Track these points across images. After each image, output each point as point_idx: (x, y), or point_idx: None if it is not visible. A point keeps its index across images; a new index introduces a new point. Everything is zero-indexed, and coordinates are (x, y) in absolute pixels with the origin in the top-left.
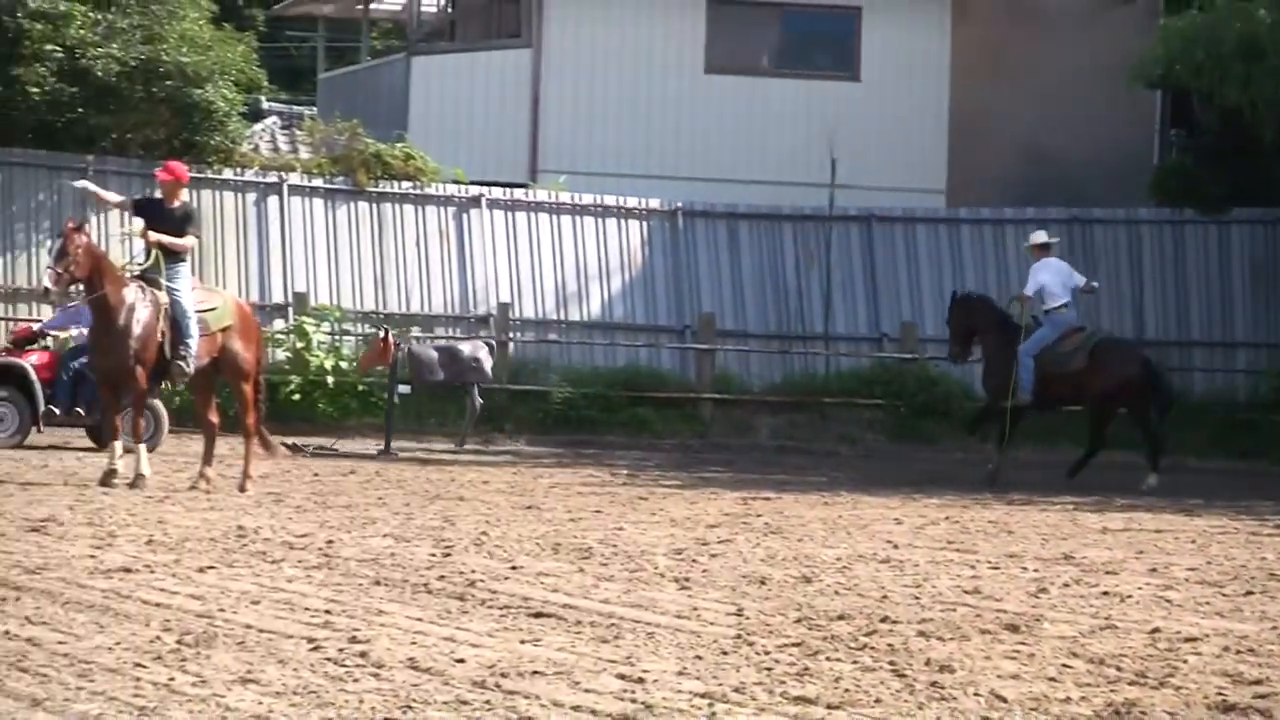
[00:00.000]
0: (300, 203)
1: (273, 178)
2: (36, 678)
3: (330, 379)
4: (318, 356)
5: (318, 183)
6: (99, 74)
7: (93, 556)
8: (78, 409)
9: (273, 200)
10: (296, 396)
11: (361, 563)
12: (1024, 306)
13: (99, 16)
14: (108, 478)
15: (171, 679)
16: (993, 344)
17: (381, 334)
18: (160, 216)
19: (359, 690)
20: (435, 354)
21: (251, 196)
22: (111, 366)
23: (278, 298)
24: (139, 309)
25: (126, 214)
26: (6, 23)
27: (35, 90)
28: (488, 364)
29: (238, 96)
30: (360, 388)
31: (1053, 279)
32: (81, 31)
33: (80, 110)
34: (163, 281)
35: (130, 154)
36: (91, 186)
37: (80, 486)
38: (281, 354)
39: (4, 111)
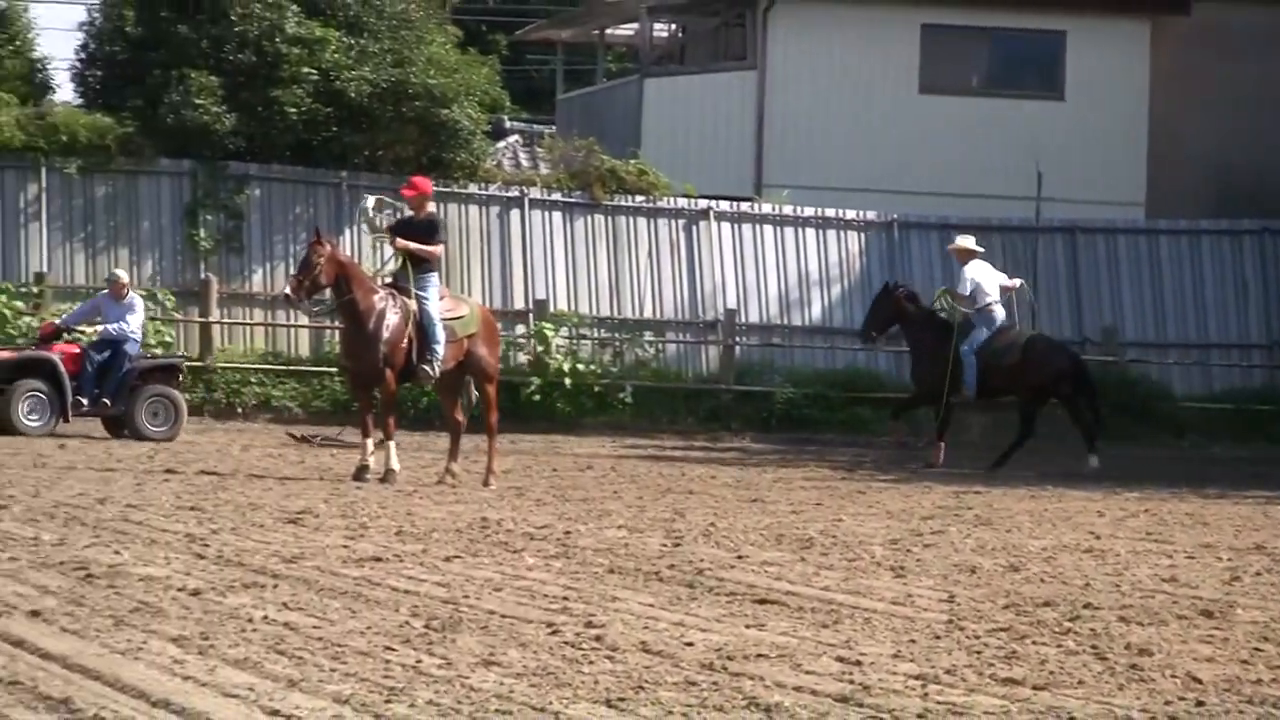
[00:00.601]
0: (540, 215)
1: (515, 192)
2: (293, 660)
3: (568, 380)
4: (556, 360)
5: (557, 197)
6: (352, 95)
7: (346, 546)
8: (103, 400)
9: (515, 213)
10: (536, 397)
11: (597, 552)
12: (956, 302)
13: (352, 41)
14: (360, 473)
15: (419, 661)
16: (922, 338)
17: None
18: (408, 228)
19: (594, 671)
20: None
21: (495, 210)
22: (362, 368)
23: (519, 304)
24: (389, 315)
25: (382, 217)
26: (266, 48)
27: (293, 110)
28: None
29: (482, 116)
30: (596, 389)
31: (984, 279)
32: (335, 56)
33: (334, 129)
34: (412, 289)
35: (381, 170)
36: (381, 201)
37: (335, 481)
38: (523, 357)
39: (264, 130)
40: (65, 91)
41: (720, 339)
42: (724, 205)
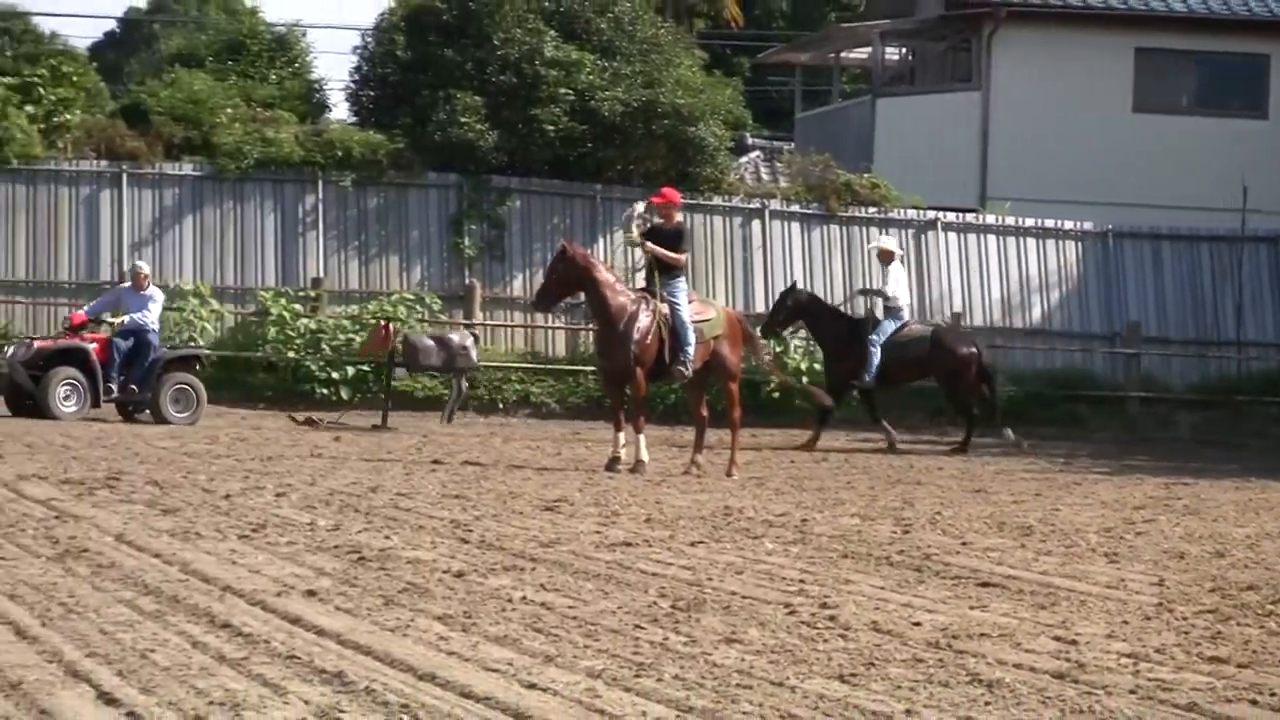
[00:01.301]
0: (780, 225)
1: (756, 204)
2: (549, 637)
3: (805, 378)
4: (794, 359)
5: (795, 208)
6: (606, 114)
7: (599, 532)
8: (131, 386)
9: (756, 223)
10: (776, 395)
11: (831, 539)
12: (884, 300)
13: (606, 64)
14: (613, 464)
15: (666, 639)
16: (836, 333)
17: (382, 323)
18: (657, 235)
19: (828, 649)
20: (430, 342)
21: (738, 220)
22: (614, 366)
23: (760, 308)
24: (640, 317)
25: (636, 226)
26: (526, 70)
27: (550, 128)
28: (474, 352)
29: (726, 133)
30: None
31: (902, 279)
32: (590, 77)
33: (589, 146)
34: (662, 293)
35: (632, 183)
36: (649, 206)
37: (589, 472)
38: (765, 357)
39: (524, 146)
40: (340, 110)
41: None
42: (950, 216)
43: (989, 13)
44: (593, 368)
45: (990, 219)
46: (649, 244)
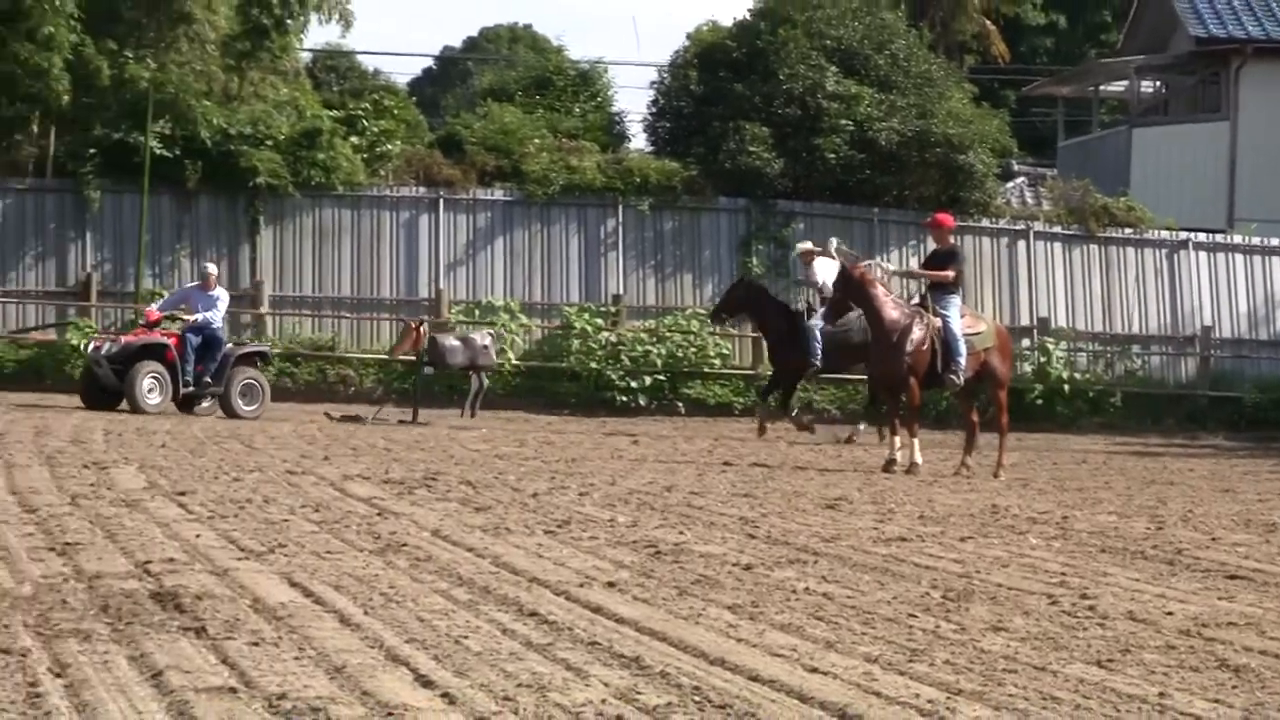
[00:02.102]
0: (1043, 246)
1: (1021, 225)
2: (830, 625)
3: (1066, 387)
4: (1056, 369)
5: (1057, 229)
6: (883, 143)
7: (876, 528)
8: (206, 380)
9: (1021, 244)
10: (1039, 401)
11: (1090, 534)
12: (820, 296)
13: (882, 97)
14: (889, 465)
15: (937, 626)
16: (779, 325)
17: (414, 324)
18: (933, 256)
19: (1087, 637)
20: (456, 343)
21: (1004, 241)
22: (887, 374)
23: (1024, 321)
24: (914, 330)
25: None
26: (809, 103)
27: (832, 156)
28: (493, 351)
29: (993, 160)
30: (1090, 394)
31: (830, 273)
32: (869, 109)
33: (867, 172)
34: (935, 308)
35: (906, 207)
36: (884, 266)
37: (866, 473)
38: (1027, 367)
39: (807, 173)
40: (639, 140)
41: (1197, 351)
42: (1200, 236)
43: (1237, 49)
44: (867, 377)
45: (1238, 239)
46: (915, 267)
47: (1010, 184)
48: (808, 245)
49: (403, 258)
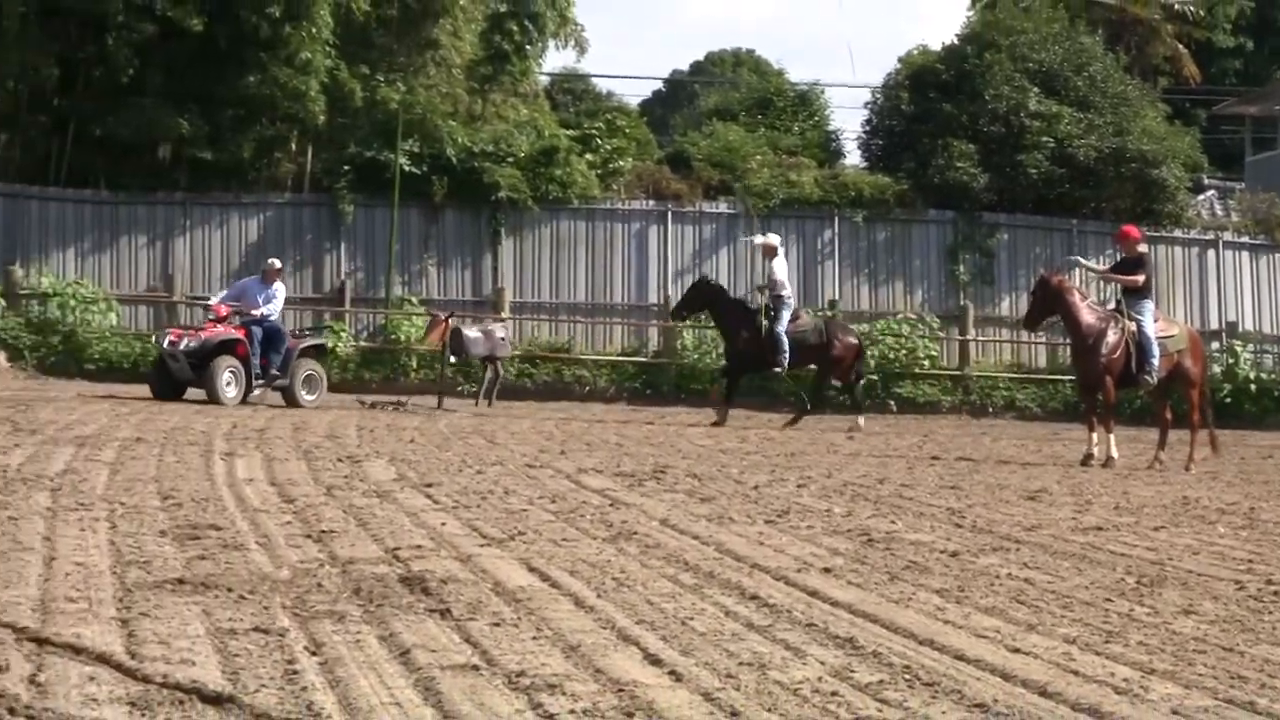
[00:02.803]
0: (1231, 255)
1: (1210, 236)
2: (1031, 608)
3: (1253, 386)
4: (1243, 370)
5: (1244, 239)
6: (1081, 159)
7: (1074, 518)
8: (273, 372)
9: (1210, 253)
10: (1228, 400)
11: (1276, 524)
12: (764, 295)
13: (1081, 115)
14: (1087, 460)
15: (1131, 610)
16: (736, 321)
17: (441, 316)
18: (1122, 265)
19: (1273, 620)
20: (478, 334)
21: (1195, 250)
22: (1087, 376)
23: (1213, 325)
24: (1109, 334)
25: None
26: (1013, 121)
27: (1033, 171)
28: (509, 344)
29: (1185, 175)
30: (1276, 393)
31: (785, 272)
32: (1068, 127)
33: (1066, 186)
34: (1129, 313)
35: (1103, 219)
36: (1082, 262)
37: (1065, 467)
38: (1216, 368)
39: (1010, 187)
40: (853, 157)
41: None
42: None
43: None
44: (1071, 377)
45: None
46: (1108, 272)
47: (1201, 197)
48: (773, 241)
49: (633, 266)
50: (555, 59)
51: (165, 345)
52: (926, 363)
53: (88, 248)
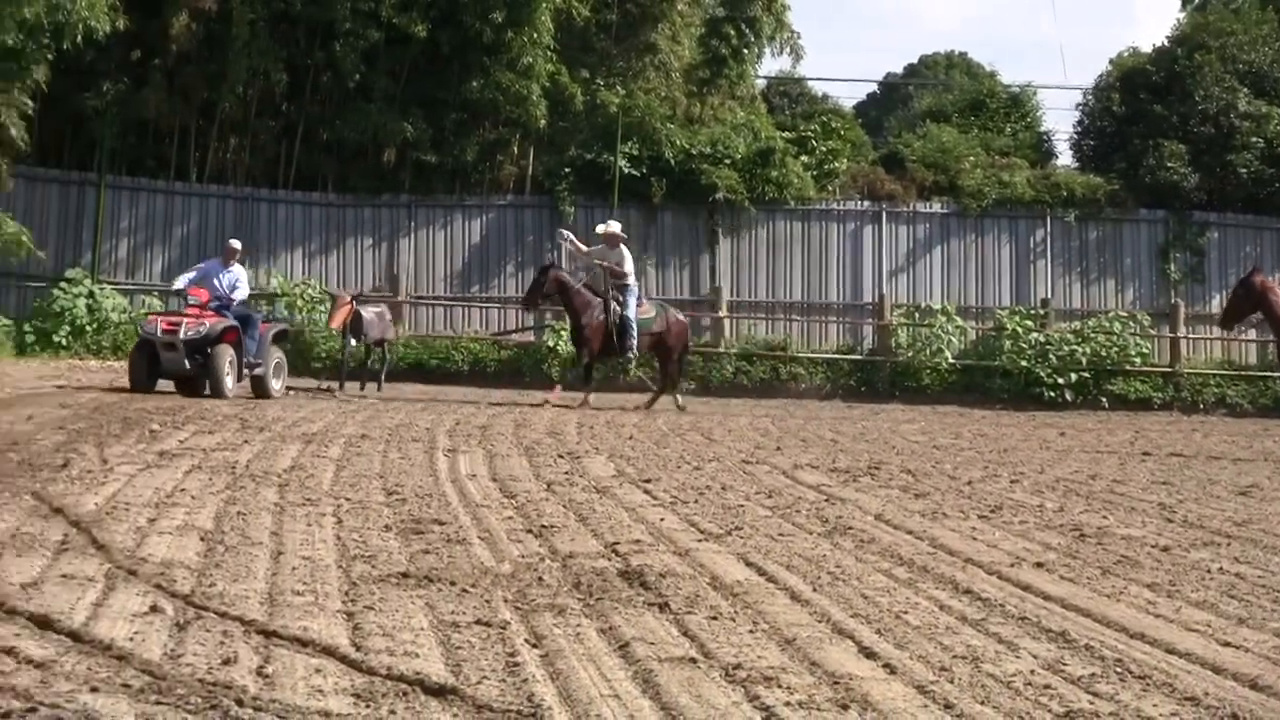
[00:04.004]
0: None
1: None
2: (1241, 602)
3: None
4: None
5: None
6: None
7: None
8: (252, 359)
9: None
10: None
11: None
12: (615, 277)
13: None
14: None
15: None
16: (584, 307)
17: (348, 297)
18: None
19: None
20: (373, 316)
21: None
22: None
23: None
24: None
25: None
26: (1223, 122)
27: (1243, 171)
28: (393, 326)
29: None
30: None
31: (630, 260)
32: (1278, 127)
33: (1277, 185)
34: None
35: None
36: None
37: (1277, 462)
38: None
39: (1220, 187)
40: (1065, 157)
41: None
42: None
43: None
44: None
45: None
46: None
47: None
48: (614, 228)
49: (848, 265)
50: (771, 64)
51: (159, 334)
52: (1138, 360)
53: (315, 249)
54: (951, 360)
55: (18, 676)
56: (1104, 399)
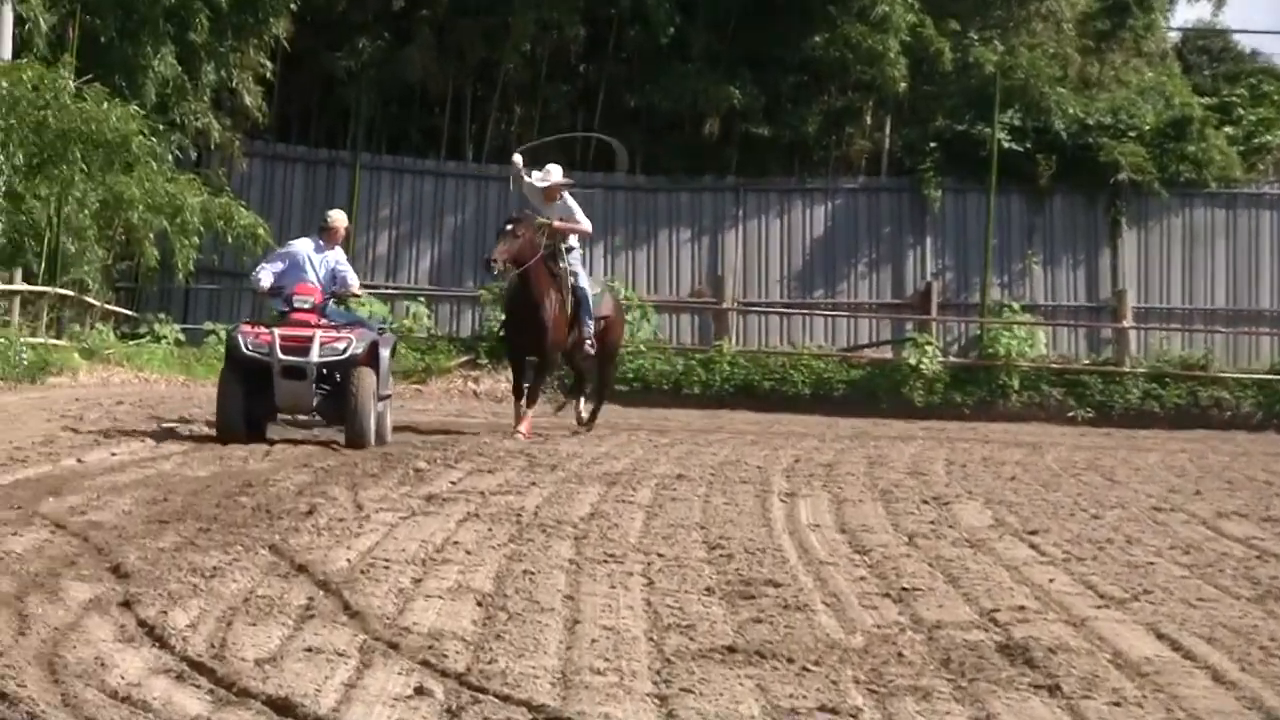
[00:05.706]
0: None
1: None
2: None
3: None
4: None
5: None
6: None
7: None
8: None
9: None
10: None
11: None
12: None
13: None
14: None
15: None
16: (544, 294)
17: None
18: None
19: None
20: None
21: None
22: None
23: None
24: None
25: None
26: None
27: None
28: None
29: None
30: None
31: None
32: None
33: None
34: None
35: None
36: None
37: None
38: None
39: None
40: None
41: None
42: None
43: None
44: None
45: None
46: None
47: None
48: (557, 176)
49: None
50: (1187, 12)
51: (278, 354)
52: None
53: (618, 243)
54: None
55: None
56: None
